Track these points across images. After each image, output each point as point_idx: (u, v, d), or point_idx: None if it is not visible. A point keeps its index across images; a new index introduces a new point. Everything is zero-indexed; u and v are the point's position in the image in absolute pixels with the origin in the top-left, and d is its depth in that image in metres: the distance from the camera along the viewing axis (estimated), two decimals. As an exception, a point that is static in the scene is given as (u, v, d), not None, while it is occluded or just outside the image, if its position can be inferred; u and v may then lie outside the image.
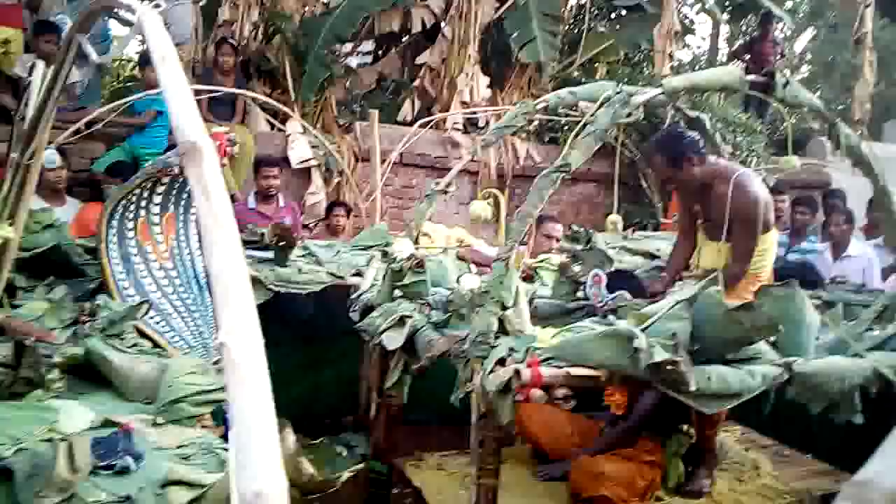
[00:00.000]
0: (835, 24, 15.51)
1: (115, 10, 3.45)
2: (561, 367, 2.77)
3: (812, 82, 16.60)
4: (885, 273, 5.54)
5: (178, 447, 2.71)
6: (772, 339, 2.90)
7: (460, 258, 4.72)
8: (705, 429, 3.76)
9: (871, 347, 3.08)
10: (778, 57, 10.44)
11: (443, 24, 9.34)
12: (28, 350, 3.00)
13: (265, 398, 1.13)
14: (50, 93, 2.85)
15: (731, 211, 3.62)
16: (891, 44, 15.39)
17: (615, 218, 6.33)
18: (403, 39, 9.95)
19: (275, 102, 7.44)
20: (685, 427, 3.78)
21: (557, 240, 5.33)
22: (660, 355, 2.61)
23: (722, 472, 3.91)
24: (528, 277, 4.59)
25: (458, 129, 8.57)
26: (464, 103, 8.75)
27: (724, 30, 15.92)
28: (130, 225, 4.25)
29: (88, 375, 3.22)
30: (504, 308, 2.99)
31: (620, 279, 3.78)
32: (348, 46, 9.77)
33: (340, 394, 4.83)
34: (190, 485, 2.39)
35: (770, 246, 3.81)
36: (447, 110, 8.65)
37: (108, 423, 2.75)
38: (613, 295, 3.55)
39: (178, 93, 1.47)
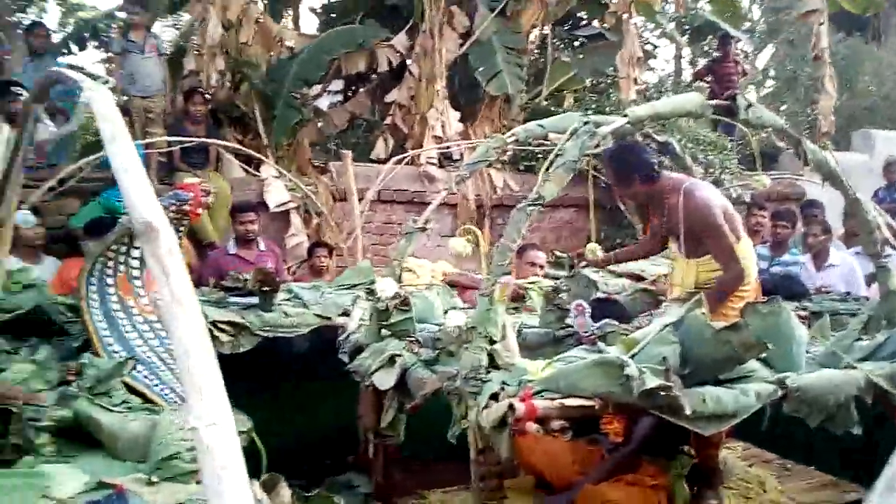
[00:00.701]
0: (793, 40, 15.82)
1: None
2: (554, 399, 2.74)
3: (777, 96, 16.84)
4: (868, 280, 5.56)
5: (175, 505, 2.66)
6: (762, 356, 2.91)
7: (450, 284, 4.72)
8: (707, 449, 3.73)
9: (861, 357, 3.09)
10: (740, 75, 10.59)
11: (409, 62, 9.41)
12: (15, 416, 2.94)
13: (240, 482, 1.12)
14: (15, 155, 2.84)
15: (687, 222, 3.66)
16: (847, 57, 15.69)
17: (593, 246, 6.33)
18: (371, 79, 10.01)
19: (246, 149, 7.43)
20: (686, 448, 3.76)
21: (542, 266, 5.34)
22: (651, 381, 2.59)
23: (728, 491, 3.89)
24: (519, 297, 4.58)
25: (433, 164, 8.61)
26: (436, 138, 8.79)
27: (687, 51, 16.18)
28: (111, 281, 4.18)
29: (78, 437, 3.15)
30: (492, 342, 2.98)
31: (604, 306, 3.79)
32: (317, 88, 9.81)
33: (342, 432, 4.75)
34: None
35: (745, 256, 3.79)
36: (420, 146, 8.69)
37: (101, 486, 2.70)
38: (599, 324, 3.55)
39: (130, 172, 1.46)
